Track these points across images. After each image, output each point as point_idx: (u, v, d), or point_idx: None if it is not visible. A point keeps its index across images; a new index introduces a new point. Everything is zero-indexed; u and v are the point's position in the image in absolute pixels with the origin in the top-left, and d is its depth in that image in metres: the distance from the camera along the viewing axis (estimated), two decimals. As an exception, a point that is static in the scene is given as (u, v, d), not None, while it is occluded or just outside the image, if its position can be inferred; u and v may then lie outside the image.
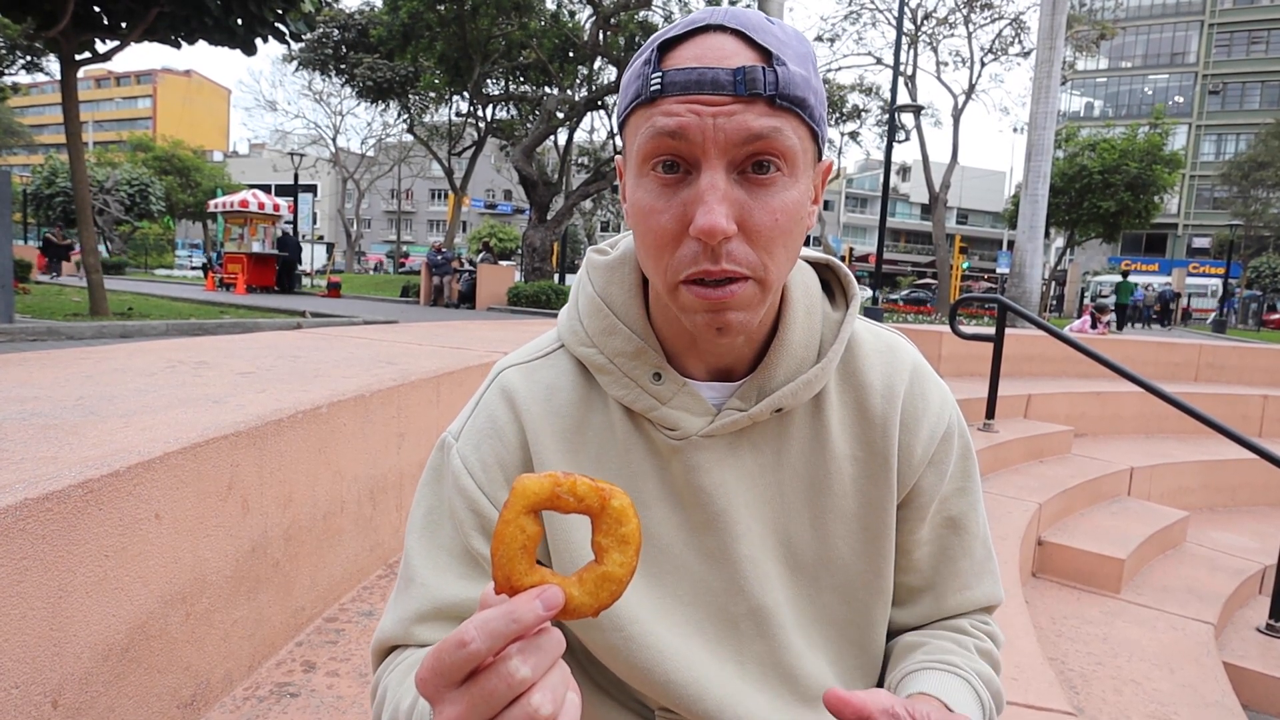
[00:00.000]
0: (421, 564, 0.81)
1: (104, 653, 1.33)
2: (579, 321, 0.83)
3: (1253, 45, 55.68)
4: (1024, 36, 28.73)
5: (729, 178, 0.66)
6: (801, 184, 0.70)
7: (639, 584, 0.80)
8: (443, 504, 0.83)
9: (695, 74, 0.65)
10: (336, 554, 2.19)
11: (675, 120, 0.65)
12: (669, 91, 0.66)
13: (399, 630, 0.80)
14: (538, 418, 0.81)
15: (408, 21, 21.19)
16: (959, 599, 0.88)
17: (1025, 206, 13.87)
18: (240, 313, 13.32)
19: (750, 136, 0.65)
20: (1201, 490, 5.66)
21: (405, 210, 73.50)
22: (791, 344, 0.79)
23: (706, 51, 0.66)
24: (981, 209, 73.45)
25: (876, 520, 0.82)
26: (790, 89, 0.66)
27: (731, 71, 0.65)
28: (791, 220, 0.69)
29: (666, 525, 0.81)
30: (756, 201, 0.67)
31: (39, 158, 55.36)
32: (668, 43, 0.68)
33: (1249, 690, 3.36)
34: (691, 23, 0.69)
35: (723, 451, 0.79)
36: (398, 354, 3.19)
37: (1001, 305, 5.21)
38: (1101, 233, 31.12)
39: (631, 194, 0.72)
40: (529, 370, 0.84)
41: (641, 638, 0.79)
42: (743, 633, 0.81)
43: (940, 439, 0.84)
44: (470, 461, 0.81)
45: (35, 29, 9.63)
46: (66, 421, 1.63)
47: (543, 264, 20.70)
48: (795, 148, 0.67)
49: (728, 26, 0.67)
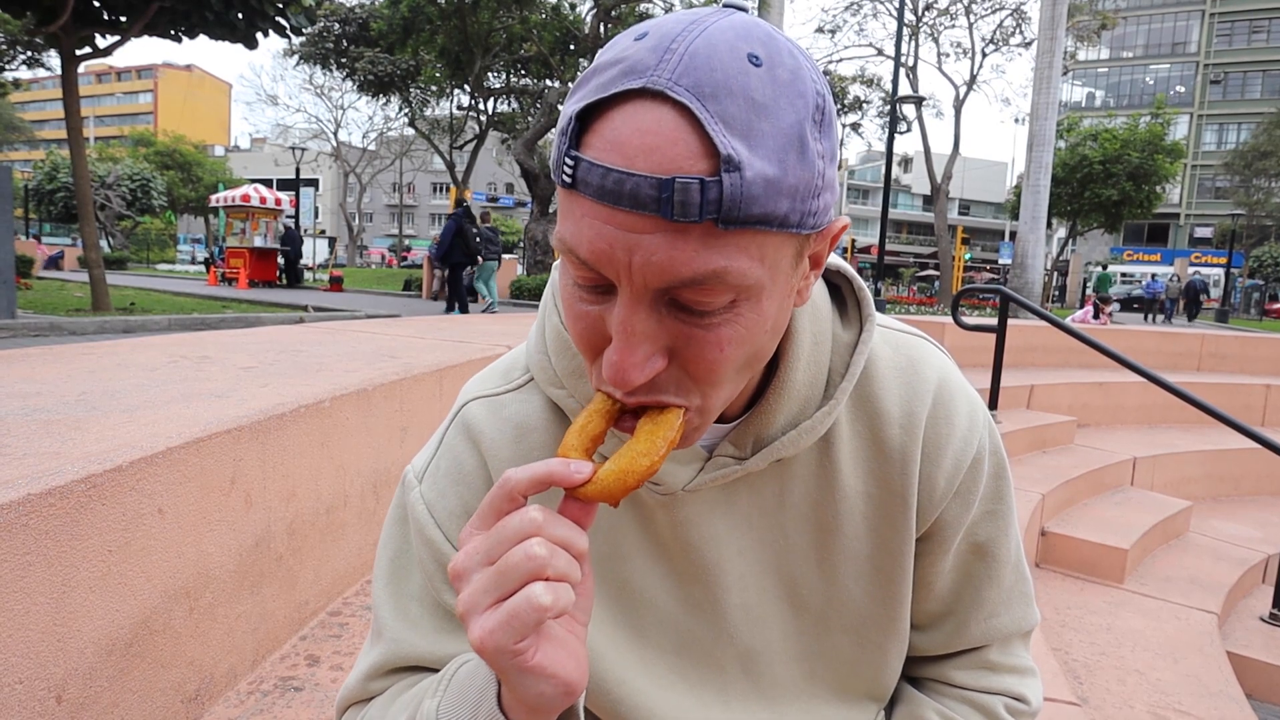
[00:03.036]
0: (389, 617, 0.75)
1: (108, 647, 1.33)
2: (547, 358, 0.72)
3: (1254, 34, 55.49)
4: (1025, 27, 28.66)
5: (654, 309, 0.52)
6: (770, 297, 0.54)
7: (622, 638, 0.74)
8: (409, 548, 0.76)
9: (611, 180, 0.47)
10: (340, 548, 2.19)
11: (584, 246, 0.50)
12: (580, 189, 0.49)
13: (360, 687, 0.76)
14: (505, 462, 0.72)
15: (408, 15, 21.13)
16: (984, 628, 0.80)
17: (1027, 197, 13.85)
18: (242, 307, 13.34)
19: (677, 282, 0.49)
20: (1204, 480, 5.66)
21: (407, 204, 73.44)
22: (794, 385, 0.67)
23: (631, 137, 0.47)
24: (983, 200, 73.33)
25: (891, 562, 0.74)
26: (744, 209, 0.47)
27: (656, 184, 0.46)
28: (747, 345, 0.55)
29: (649, 577, 0.73)
30: (696, 331, 0.53)
31: (40, 153, 55.26)
32: (589, 109, 0.49)
33: (1252, 679, 3.36)
34: (626, 75, 0.48)
35: (715, 499, 0.71)
36: (400, 348, 3.19)
37: (1004, 296, 5.20)
38: (1103, 223, 31.04)
39: (560, 271, 0.61)
40: (496, 406, 0.75)
41: (630, 698, 0.74)
42: (729, 675, 0.76)
43: (969, 466, 0.74)
44: (436, 508, 0.73)
45: (36, 24, 9.65)
46: (69, 417, 1.63)
47: (545, 257, 20.68)
48: (750, 276, 0.50)
49: (669, 96, 0.47)
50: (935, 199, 28.11)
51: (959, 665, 0.83)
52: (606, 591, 0.74)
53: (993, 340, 5.21)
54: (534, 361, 0.73)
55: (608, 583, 0.74)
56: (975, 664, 0.82)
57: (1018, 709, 0.81)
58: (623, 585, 0.74)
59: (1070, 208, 30.49)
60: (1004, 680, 0.81)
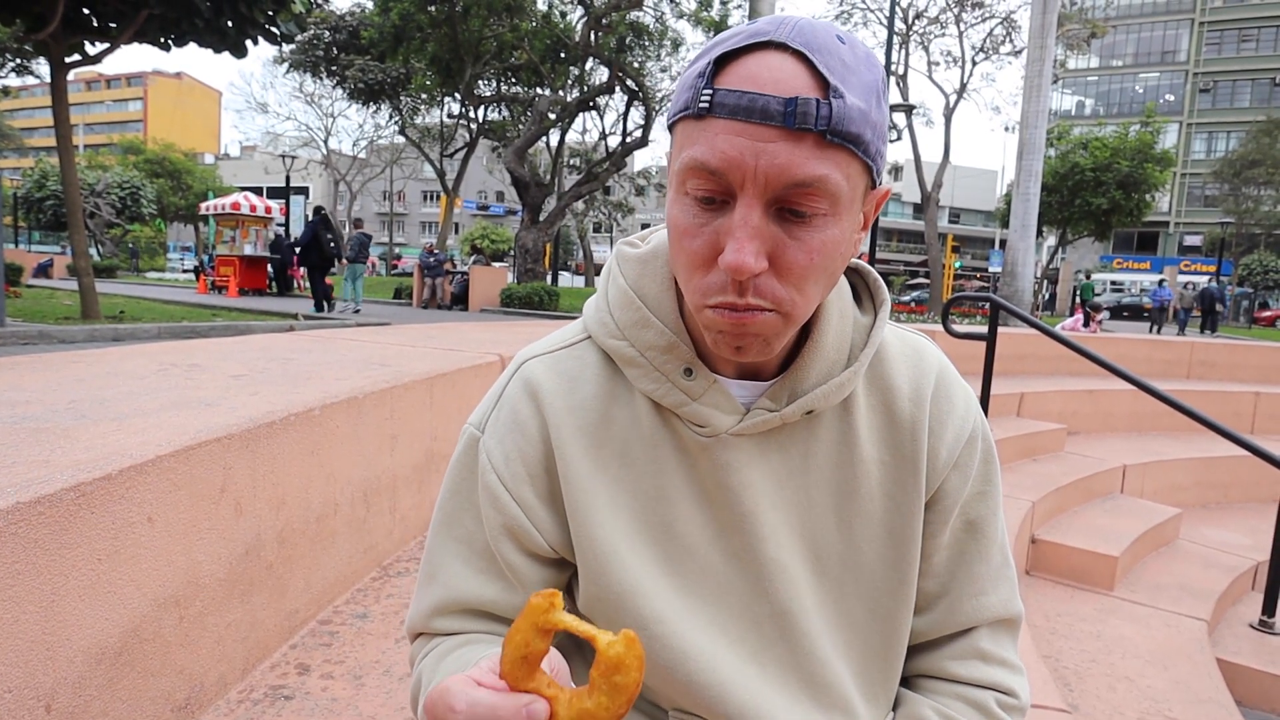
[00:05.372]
0: (440, 558, 0.84)
1: (97, 656, 1.33)
2: (609, 313, 0.81)
3: (1243, 43, 55.94)
4: (1015, 35, 28.77)
5: (765, 214, 0.64)
6: (846, 220, 0.67)
7: (664, 582, 0.79)
8: (461, 495, 0.84)
9: (746, 99, 0.62)
10: (330, 556, 2.19)
11: (717, 155, 0.63)
12: (717, 113, 0.63)
13: (421, 622, 0.85)
14: (560, 412, 0.80)
15: (399, 23, 21.14)
16: (974, 605, 0.85)
17: (1017, 205, 13.90)
18: (232, 315, 13.28)
19: (792, 183, 0.63)
20: (1194, 487, 5.69)
21: (398, 212, 73.32)
22: (825, 346, 0.78)
23: (761, 72, 0.63)
24: (974, 208, 73.64)
25: (903, 526, 0.81)
26: (845, 125, 0.62)
27: (784, 101, 0.61)
28: (829, 258, 0.67)
29: (693, 524, 0.79)
30: (793, 239, 0.65)
31: (29, 161, 55.13)
32: (724, 56, 0.65)
33: (1242, 686, 3.37)
34: (753, 35, 0.65)
35: (751, 451, 0.78)
36: (390, 356, 3.18)
37: (994, 304, 5.23)
38: (1093, 231, 31.21)
39: (670, 206, 0.71)
40: (552, 361, 0.83)
41: (666, 638, 0.78)
42: (765, 634, 0.80)
43: (965, 441, 0.83)
44: (494, 456, 0.81)
45: (25, 32, 9.60)
46: (58, 425, 1.62)
47: (535, 265, 20.68)
48: (842, 187, 0.64)
49: (789, 46, 0.63)
50: (925, 207, 28.17)
51: (952, 655, 0.86)
52: (651, 533, 0.80)
53: (983, 348, 5.23)
54: (594, 319, 0.83)
55: (652, 525, 0.80)
56: (968, 652, 0.86)
57: (1008, 704, 0.85)
58: (667, 529, 0.80)
59: (1060, 216, 30.67)
60: (995, 673, 0.85)
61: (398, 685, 1.82)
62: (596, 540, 0.79)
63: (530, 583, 0.82)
